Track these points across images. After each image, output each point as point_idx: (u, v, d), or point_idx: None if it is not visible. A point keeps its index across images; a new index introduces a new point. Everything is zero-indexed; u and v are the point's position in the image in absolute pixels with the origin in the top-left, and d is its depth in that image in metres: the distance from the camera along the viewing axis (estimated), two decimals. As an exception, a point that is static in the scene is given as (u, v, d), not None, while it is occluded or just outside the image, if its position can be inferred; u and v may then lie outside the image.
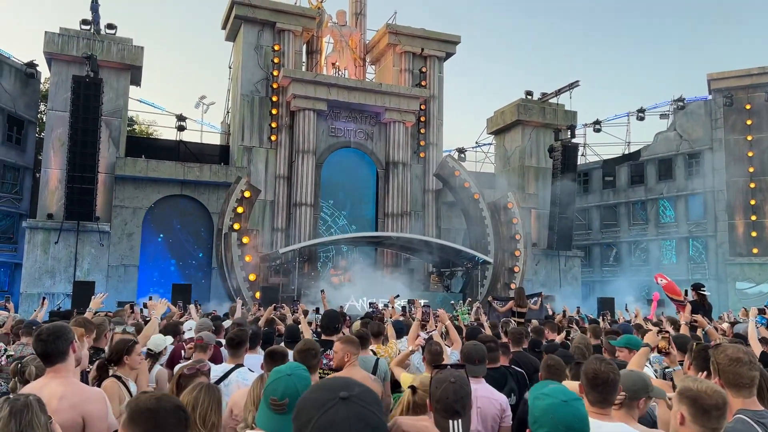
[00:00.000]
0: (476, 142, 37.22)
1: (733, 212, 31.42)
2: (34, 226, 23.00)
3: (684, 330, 6.31)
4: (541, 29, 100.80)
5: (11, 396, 2.53)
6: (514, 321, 13.17)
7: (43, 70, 27.76)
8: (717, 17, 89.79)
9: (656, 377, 4.97)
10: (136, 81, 26.85)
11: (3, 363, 5.23)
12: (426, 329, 6.42)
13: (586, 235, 36.26)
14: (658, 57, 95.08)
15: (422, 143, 28.81)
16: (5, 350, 5.15)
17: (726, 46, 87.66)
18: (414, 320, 6.86)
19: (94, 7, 24.71)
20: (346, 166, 27.31)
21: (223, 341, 6.06)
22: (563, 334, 7.88)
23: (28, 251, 22.69)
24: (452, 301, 16.93)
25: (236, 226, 20.97)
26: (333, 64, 28.14)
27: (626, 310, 15.19)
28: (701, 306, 9.91)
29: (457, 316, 11.98)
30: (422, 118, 28.77)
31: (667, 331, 4.69)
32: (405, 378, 4.91)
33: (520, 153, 32.32)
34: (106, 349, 4.99)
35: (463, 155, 35.13)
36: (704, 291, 10.25)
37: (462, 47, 30.62)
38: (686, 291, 11.17)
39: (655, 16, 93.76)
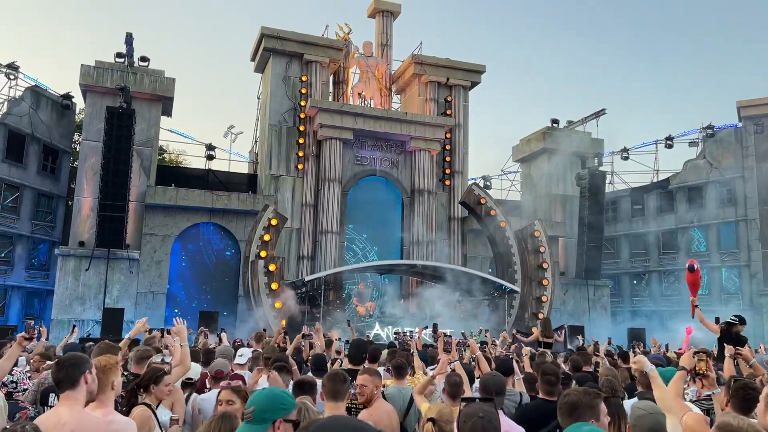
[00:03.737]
0: (502, 170, 37.11)
1: (767, 241, 30.68)
2: (66, 253, 23.48)
3: (728, 363, 6.07)
4: (566, 58, 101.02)
5: (7, 426, 2.58)
6: (543, 351, 12.96)
7: (78, 101, 28.64)
8: (745, 43, 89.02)
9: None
10: (168, 111, 27.50)
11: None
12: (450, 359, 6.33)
13: (614, 264, 35.64)
14: (685, 84, 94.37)
15: (447, 171, 28.86)
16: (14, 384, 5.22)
17: (755, 73, 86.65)
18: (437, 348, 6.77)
19: (129, 41, 25.48)
20: (372, 193, 27.43)
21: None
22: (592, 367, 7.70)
23: (59, 278, 23.12)
24: (462, 331, 16.69)
25: (263, 254, 21.11)
26: (359, 94, 28.50)
27: (653, 344, 14.88)
28: (730, 336, 9.62)
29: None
30: (447, 147, 28.87)
31: (705, 353, 4.43)
32: (425, 408, 4.86)
33: (547, 181, 32.12)
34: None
35: (488, 183, 35.00)
36: (734, 320, 9.99)
37: (487, 75, 30.79)
38: (717, 318, 10.94)
39: (682, 43, 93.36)
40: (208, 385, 6.36)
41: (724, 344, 8.17)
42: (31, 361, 7.30)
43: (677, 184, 33.94)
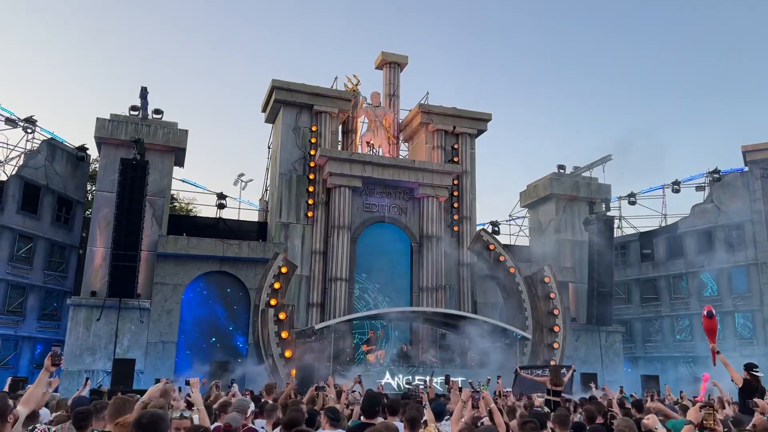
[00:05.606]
0: (510, 215, 37.29)
1: (779, 285, 30.42)
2: (78, 303, 23.60)
3: (760, 420, 5.99)
4: (572, 103, 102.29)
5: None
6: (550, 400, 12.84)
7: (93, 152, 29.25)
8: (750, 87, 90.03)
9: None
10: (180, 162, 28.00)
11: None
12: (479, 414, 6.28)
13: (626, 310, 35.35)
14: (691, 129, 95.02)
15: (456, 217, 29.02)
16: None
17: (760, 117, 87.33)
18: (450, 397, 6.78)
19: (143, 95, 26.20)
20: (381, 240, 27.57)
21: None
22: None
23: (71, 328, 23.18)
24: (470, 381, 16.47)
25: (273, 302, 21.14)
26: (368, 142, 28.98)
27: (667, 393, 14.69)
28: (755, 388, 9.49)
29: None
30: (455, 193, 29.11)
31: (711, 406, 4.45)
32: None
33: (555, 226, 32.22)
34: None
35: (497, 228, 35.16)
36: (757, 372, 9.86)
37: (494, 122, 31.30)
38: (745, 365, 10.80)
39: (686, 88, 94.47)
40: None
41: (747, 396, 8.07)
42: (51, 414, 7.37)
43: (686, 229, 33.93)
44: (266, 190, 30.52)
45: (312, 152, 27.19)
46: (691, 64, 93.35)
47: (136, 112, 26.28)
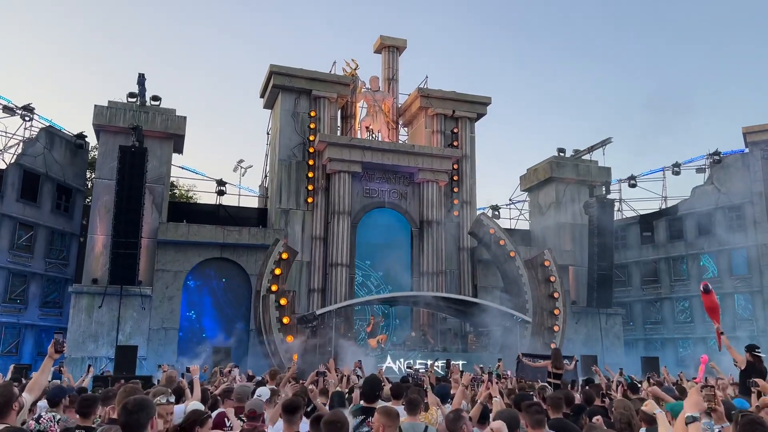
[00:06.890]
0: (510, 199, 37.23)
1: (779, 267, 30.42)
2: (80, 290, 23.68)
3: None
4: (572, 87, 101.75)
5: None
6: (551, 382, 12.94)
7: (92, 140, 29.14)
8: (750, 69, 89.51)
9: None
10: (179, 149, 27.93)
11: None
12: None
13: (626, 292, 35.41)
14: (691, 110, 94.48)
15: (456, 201, 29.03)
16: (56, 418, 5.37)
17: (761, 99, 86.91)
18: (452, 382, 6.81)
19: (141, 81, 26.07)
20: (381, 225, 27.61)
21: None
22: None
23: (73, 316, 23.29)
24: (481, 365, 16.53)
25: (274, 288, 21.22)
26: (367, 127, 28.91)
27: (665, 375, 14.75)
28: (756, 369, 9.53)
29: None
30: (455, 177, 29.10)
31: (712, 386, 4.41)
32: None
33: (555, 210, 32.21)
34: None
35: (497, 212, 35.13)
36: (759, 352, 9.91)
37: (493, 106, 31.17)
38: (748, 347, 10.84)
39: (687, 70, 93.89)
40: (227, 423, 6.46)
41: (749, 377, 8.08)
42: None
43: (686, 211, 33.86)
44: (266, 176, 30.48)
45: (311, 138, 27.14)
46: (690, 46, 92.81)
47: (134, 99, 26.17)
